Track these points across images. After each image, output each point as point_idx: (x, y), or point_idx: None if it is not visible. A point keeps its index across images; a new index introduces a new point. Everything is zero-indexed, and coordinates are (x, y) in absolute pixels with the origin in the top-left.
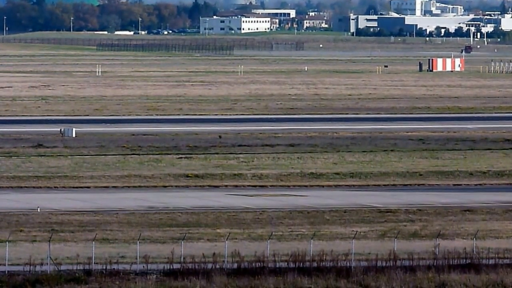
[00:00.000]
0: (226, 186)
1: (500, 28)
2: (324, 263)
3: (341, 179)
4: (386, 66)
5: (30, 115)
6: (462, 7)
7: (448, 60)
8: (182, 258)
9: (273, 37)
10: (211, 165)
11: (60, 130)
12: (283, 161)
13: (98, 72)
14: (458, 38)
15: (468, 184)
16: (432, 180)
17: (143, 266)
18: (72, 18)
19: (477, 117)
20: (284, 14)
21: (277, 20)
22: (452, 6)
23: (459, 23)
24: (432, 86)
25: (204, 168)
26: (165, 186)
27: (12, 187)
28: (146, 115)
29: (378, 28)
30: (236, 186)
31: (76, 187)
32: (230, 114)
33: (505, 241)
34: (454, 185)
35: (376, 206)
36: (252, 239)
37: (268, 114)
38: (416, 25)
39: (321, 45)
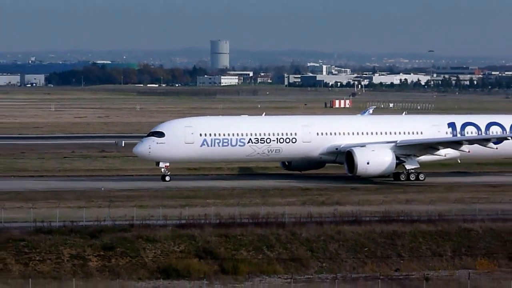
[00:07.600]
0: (212, 174)
1: (372, 82)
2: (269, 220)
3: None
4: (305, 104)
5: (97, 133)
6: (350, 69)
7: (342, 101)
8: (186, 217)
9: (240, 88)
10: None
11: (115, 141)
12: None
13: (137, 108)
14: (348, 87)
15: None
16: (332, 170)
17: (164, 222)
18: (122, 76)
19: None
20: (246, 74)
21: (242, 78)
22: (344, 69)
23: (349, 79)
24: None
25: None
26: (175, 175)
27: (86, 176)
28: None
29: (301, 82)
30: (218, 174)
31: (124, 175)
32: None
33: (376, 206)
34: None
35: (299, 186)
36: (227, 205)
37: None
38: (323, 80)
39: (267, 92)
